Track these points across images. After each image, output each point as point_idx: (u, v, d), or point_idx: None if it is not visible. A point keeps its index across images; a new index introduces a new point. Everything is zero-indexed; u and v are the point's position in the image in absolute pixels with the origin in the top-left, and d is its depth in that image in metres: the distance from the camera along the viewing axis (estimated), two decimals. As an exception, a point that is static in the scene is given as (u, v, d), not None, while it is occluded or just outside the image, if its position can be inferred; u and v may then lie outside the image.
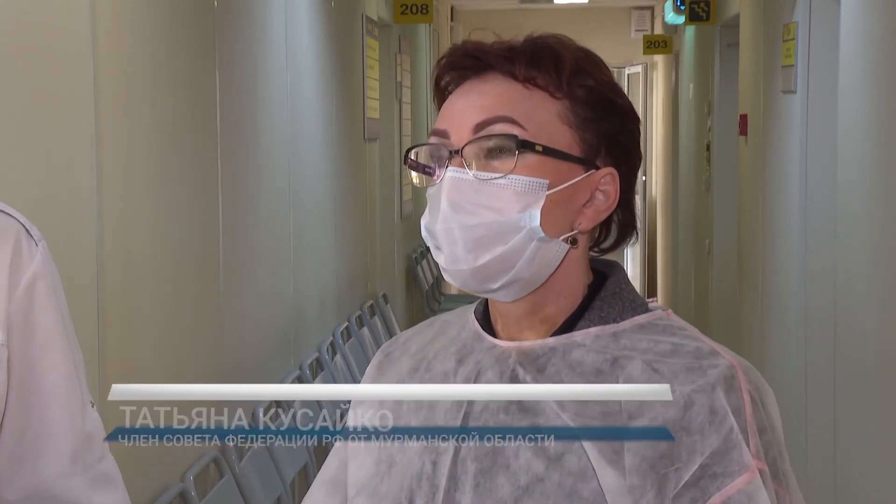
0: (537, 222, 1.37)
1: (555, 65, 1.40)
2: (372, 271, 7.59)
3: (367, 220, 7.46)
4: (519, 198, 1.37)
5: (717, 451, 1.32)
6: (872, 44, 4.17)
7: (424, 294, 9.43)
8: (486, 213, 1.37)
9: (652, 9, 14.03)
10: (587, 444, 1.34)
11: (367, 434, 1.49)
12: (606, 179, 1.41)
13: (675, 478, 1.32)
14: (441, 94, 1.45)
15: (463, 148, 1.38)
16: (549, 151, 1.38)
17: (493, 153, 1.38)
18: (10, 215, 1.67)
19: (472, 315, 1.49)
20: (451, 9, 12.84)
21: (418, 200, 9.45)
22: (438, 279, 10.07)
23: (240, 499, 4.06)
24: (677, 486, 1.32)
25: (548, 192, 1.38)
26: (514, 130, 1.38)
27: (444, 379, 1.45)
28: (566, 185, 1.39)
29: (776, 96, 6.06)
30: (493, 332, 1.46)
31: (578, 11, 13.59)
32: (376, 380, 1.53)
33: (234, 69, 4.48)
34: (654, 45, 11.92)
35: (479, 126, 1.38)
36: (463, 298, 10.45)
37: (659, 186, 12.98)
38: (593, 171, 1.41)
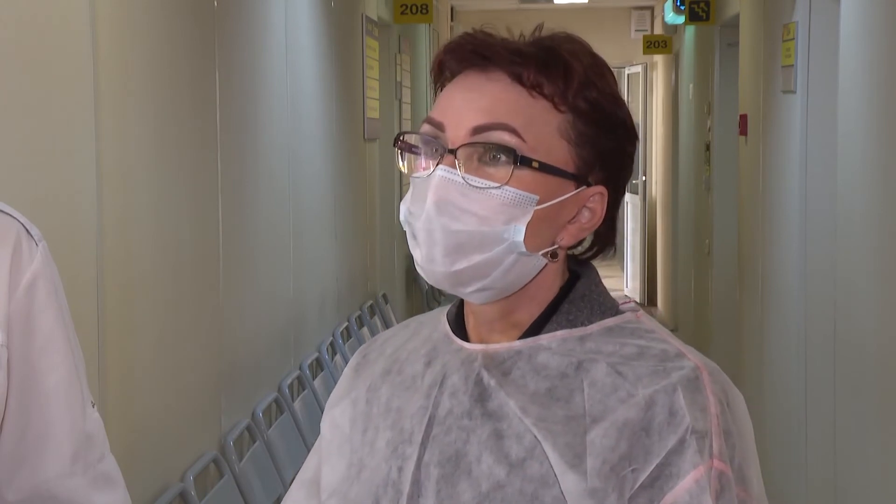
0: (521, 237, 1.35)
1: (564, 75, 1.37)
2: (372, 271, 7.59)
3: (367, 220, 7.46)
4: (506, 209, 1.35)
5: (672, 452, 1.30)
6: (872, 44, 4.17)
7: (424, 294, 9.43)
8: (471, 221, 1.35)
9: (652, 9, 14.04)
10: (548, 449, 1.32)
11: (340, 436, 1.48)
12: (595, 198, 1.39)
13: (631, 479, 1.31)
14: (440, 77, 1.42)
15: (458, 149, 1.36)
16: (545, 168, 1.35)
17: (487, 160, 1.35)
18: (11, 215, 1.67)
19: (445, 316, 1.48)
20: (451, 9, 12.84)
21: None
22: (438, 279, 10.05)
23: (240, 499, 4.06)
24: (634, 487, 1.30)
25: (536, 208, 1.36)
26: (514, 141, 1.35)
27: (413, 382, 1.44)
28: (555, 201, 1.37)
29: (776, 96, 6.06)
30: (465, 332, 1.44)
31: (578, 11, 13.60)
32: (353, 382, 1.51)
33: (234, 69, 4.48)
34: (654, 45, 11.92)
35: (478, 129, 1.35)
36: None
37: (659, 186, 12.98)
38: (584, 187, 1.38)
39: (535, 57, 1.37)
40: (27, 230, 1.67)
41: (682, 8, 8.97)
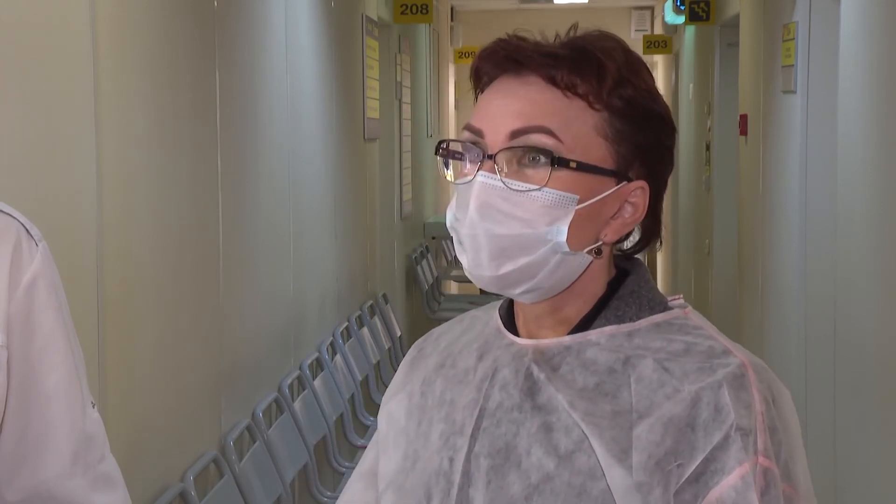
0: (564, 237, 1.37)
1: (597, 75, 1.38)
2: (372, 271, 7.59)
3: (367, 220, 7.46)
4: (548, 211, 1.37)
5: (717, 448, 1.32)
6: (872, 44, 4.17)
7: (424, 294, 9.42)
8: (514, 224, 1.37)
9: (652, 9, 14.04)
10: (595, 443, 1.34)
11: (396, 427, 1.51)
12: (636, 193, 1.41)
13: (677, 473, 1.33)
14: (479, 84, 1.44)
15: (496, 154, 1.38)
16: (583, 167, 1.37)
17: (526, 163, 1.37)
18: (11, 215, 1.67)
19: (497, 311, 1.50)
20: (451, 9, 12.84)
21: (418, 200, 9.44)
22: (438, 279, 10.05)
23: (240, 499, 4.06)
24: (679, 482, 1.32)
25: (577, 207, 1.38)
26: (551, 143, 1.37)
27: (465, 375, 1.47)
28: (596, 199, 1.38)
29: (776, 96, 6.06)
30: (515, 328, 1.47)
31: (578, 11, 13.59)
32: (408, 375, 1.55)
33: (234, 69, 4.48)
34: (654, 45, 11.92)
35: (516, 133, 1.37)
36: (463, 299, 10.42)
37: (659, 186, 12.98)
38: (625, 183, 1.40)
39: (567, 58, 1.39)
40: (27, 230, 1.67)
41: (682, 8, 8.98)
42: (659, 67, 13.50)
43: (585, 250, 1.40)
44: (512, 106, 1.38)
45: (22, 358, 1.64)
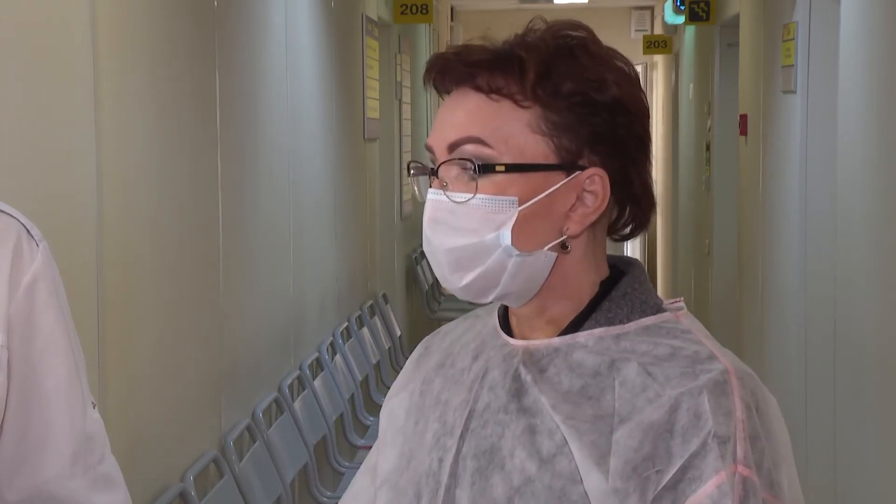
0: (509, 241, 1.37)
1: (519, 72, 1.37)
2: (372, 271, 7.59)
3: (367, 220, 7.46)
4: (491, 217, 1.37)
5: (695, 455, 1.30)
6: (872, 44, 4.17)
7: (424, 294, 9.42)
8: (462, 235, 1.38)
9: (652, 9, 14.04)
10: (574, 447, 1.33)
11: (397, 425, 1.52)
12: (594, 180, 1.38)
13: (655, 480, 1.31)
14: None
15: (437, 169, 1.40)
16: (514, 168, 1.36)
17: (465, 174, 1.38)
18: (11, 215, 1.67)
19: (497, 311, 1.51)
20: (451, 9, 12.84)
21: (418, 200, 9.40)
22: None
23: (240, 499, 4.06)
24: (657, 489, 1.31)
25: (520, 208, 1.37)
26: (484, 151, 1.37)
27: (461, 375, 1.47)
28: (541, 196, 1.37)
29: (776, 96, 6.06)
30: (511, 329, 1.47)
31: (578, 11, 13.60)
32: (412, 373, 1.56)
33: (234, 69, 4.48)
34: (654, 45, 11.93)
35: (452, 146, 1.39)
36: (463, 299, 10.42)
37: (659, 186, 12.99)
38: (577, 173, 1.38)
39: (486, 62, 1.38)
40: (28, 230, 1.67)
41: (682, 8, 8.98)
42: (659, 67, 13.50)
43: (547, 247, 1.39)
44: (449, 120, 1.40)
45: (22, 358, 1.64)
